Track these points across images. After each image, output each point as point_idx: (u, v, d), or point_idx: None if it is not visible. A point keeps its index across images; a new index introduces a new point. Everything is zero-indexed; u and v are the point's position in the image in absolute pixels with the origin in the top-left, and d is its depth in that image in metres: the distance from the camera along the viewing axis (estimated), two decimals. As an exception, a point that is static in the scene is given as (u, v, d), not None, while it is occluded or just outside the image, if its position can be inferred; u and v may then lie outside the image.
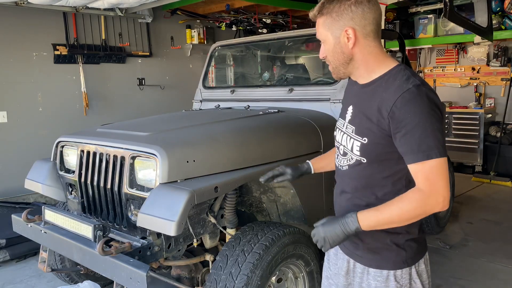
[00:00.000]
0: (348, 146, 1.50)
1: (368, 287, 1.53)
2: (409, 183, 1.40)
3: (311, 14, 1.48)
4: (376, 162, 1.44)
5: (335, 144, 1.64)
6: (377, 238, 1.49)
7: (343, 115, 1.58)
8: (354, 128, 1.48)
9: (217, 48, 4.12)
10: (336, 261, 1.68)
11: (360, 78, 1.50)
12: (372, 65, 1.45)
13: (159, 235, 2.31)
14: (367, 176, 1.47)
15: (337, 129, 1.60)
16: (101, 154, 2.49)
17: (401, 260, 1.48)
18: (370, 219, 1.37)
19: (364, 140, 1.43)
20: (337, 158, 1.61)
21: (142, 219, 2.09)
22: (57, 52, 5.05)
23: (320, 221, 1.47)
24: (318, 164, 1.94)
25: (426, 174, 1.31)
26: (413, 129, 1.30)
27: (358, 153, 1.46)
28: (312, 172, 1.93)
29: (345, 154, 1.53)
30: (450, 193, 1.35)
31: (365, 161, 1.45)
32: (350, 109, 1.52)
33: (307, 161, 1.95)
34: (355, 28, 1.40)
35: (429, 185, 1.31)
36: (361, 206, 1.48)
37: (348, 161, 1.52)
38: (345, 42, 1.42)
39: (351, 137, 1.48)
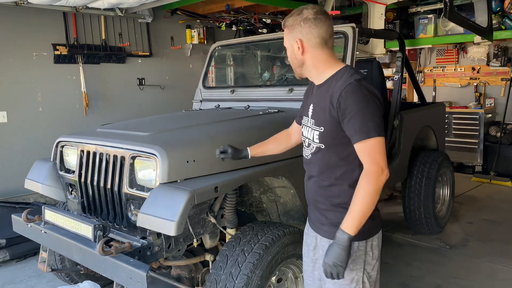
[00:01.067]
0: (310, 137, 1.81)
1: None
2: (361, 163, 1.66)
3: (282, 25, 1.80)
4: (332, 146, 1.73)
5: (302, 138, 1.92)
6: (339, 214, 1.72)
7: (306, 113, 1.87)
8: (313, 121, 1.78)
9: (217, 48, 4.12)
10: (306, 239, 1.96)
11: (315, 79, 1.81)
12: (322, 69, 1.76)
13: (159, 235, 2.31)
14: (326, 159, 1.76)
15: (303, 126, 1.89)
16: (101, 154, 2.49)
17: (359, 232, 1.64)
18: (352, 223, 1.60)
19: (321, 129, 1.73)
20: (304, 150, 1.90)
21: (142, 219, 2.09)
22: (57, 52, 5.05)
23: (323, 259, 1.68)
24: (255, 150, 2.21)
25: (368, 150, 1.61)
26: (355, 115, 1.59)
27: (317, 140, 1.76)
28: (249, 157, 2.20)
29: (309, 145, 1.83)
30: (387, 164, 1.64)
31: (323, 147, 1.75)
32: (311, 107, 1.82)
33: (247, 147, 2.21)
34: (302, 39, 1.72)
35: (370, 159, 1.60)
36: (324, 186, 1.78)
37: (311, 150, 1.82)
38: (296, 50, 1.75)
39: (312, 129, 1.79)
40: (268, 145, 2.20)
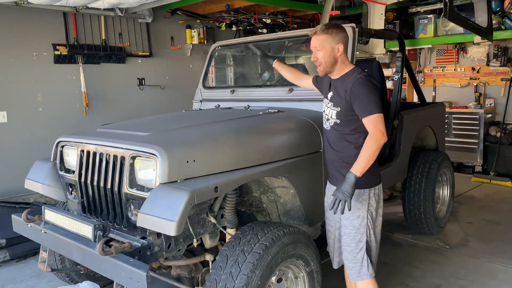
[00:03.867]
0: (329, 114, 2.52)
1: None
2: (365, 133, 2.35)
3: (312, 32, 2.43)
4: (345, 121, 2.43)
5: (323, 115, 2.62)
6: (349, 169, 2.31)
7: (327, 96, 2.57)
8: (333, 103, 2.50)
9: (217, 48, 4.12)
10: (328, 193, 2.66)
11: (335, 74, 2.49)
12: (344, 67, 2.46)
13: (159, 235, 2.31)
14: (341, 130, 2.47)
15: (324, 105, 2.61)
16: (101, 154, 2.49)
17: (363, 183, 2.38)
18: (357, 167, 2.26)
19: (338, 109, 2.45)
20: (324, 123, 2.60)
21: (142, 219, 2.09)
22: (57, 52, 5.06)
23: (335, 190, 2.32)
24: (281, 66, 3.24)
25: (372, 121, 2.30)
26: (363, 98, 2.31)
27: (335, 117, 2.47)
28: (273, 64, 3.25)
29: (328, 119, 2.54)
30: (386, 130, 2.32)
31: (339, 121, 2.46)
32: (331, 93, 2.52)
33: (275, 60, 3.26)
34: (342, 44, 2.41)
35: (374, 127, 2.29)
36: (339, 150, 2.48)
37: (330, 124, 2.52)
38: (336, 51, 2.40)
39: (331, 109, 2.51)
40: (289, 70, 3.16)
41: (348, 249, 2.48)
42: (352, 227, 2.45)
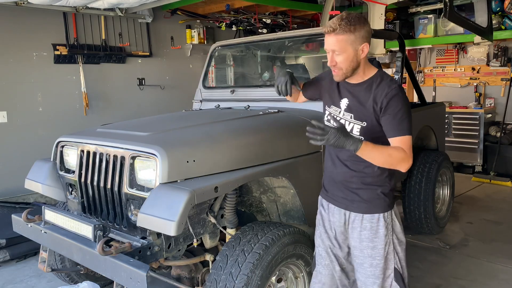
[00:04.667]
0: (348, 129, 2.00)
1: (364, 228, 2.07)
2: None
3: (328, 29, 1.89)
4: (370, 139, 1.91)
5: (328, 122, 2.12)
6: (370, 191, 2.06)
7: (336, 104, 2.11)
8: (352, 115, 2.03)
9: (217, 48, 4.12)
10: (329, 217, 2.20)
11: (355, 79, 2.03)
12: (367, 70, 2.02)
13: (159, 235, 2.31)
14: None
15: (331, 115, 2.13)
16: (101, 154, 2.49)
17: (386, 205, 2.07)
18: (367, 150, 1.84)
19: (364, 124, 1.99)
20: None
21: (142, 219, 2.09)
22: (57, 52, 5.05)
23: (337, 125, 1.85)
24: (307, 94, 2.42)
25: (403, 144, 1.90)
26: (396, 114, 1.90)
27: (357, 133, 2.00)
28: (299, 89, 2.38)
29: None
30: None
31: (363, 138, 1.93)
32: (345, 101, 2.06)
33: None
34: (367, 43, 1.93)
35: (407, 151, 1.89)
36: (359, 168, 2.05)
37: None
38: (360, 53, 1.93)
39: (350, 122, 2.03)
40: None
41: (377, 281, 2.09)
42: (380, 257, 2.07)
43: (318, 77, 2.34)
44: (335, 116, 2.10)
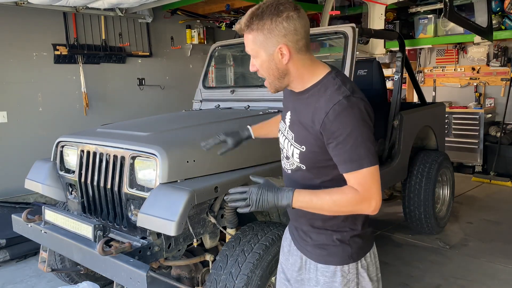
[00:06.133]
0: (289, 152, 1.55)
1: (317, 283, 1.56)
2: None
3: (238, 27, 1.43)
4: (314, 169, 1.48)
5: (280, 145, 1.65)
6: (324, 236, 1.55)
7: (284, 119, 1.62)
8: (293, 135, 1.52)
9: (217, 48, 4.12)
10: (288, 257, 1.72)
11: (295, 88, 1.51)
12: (307, 76, 1.47)
13: (159, 235, 2.31)
14: (307, 180, 1.53)
15: (280, 132, 1.64)
16: (101, 154, 2.49)
17: (347, 255, 1.52)
18: (304, 200, 1.40)
19: (303, 148, 1.47)
20: (282, 160, 1.65)
21: (142, 219, 2.09)
22: (57, 52, 5.05)
23: (259, 180, 1.48)
24: (259, 131, 2.04)
25: (360, 181, 1.36)
26: (344, 141, 1.34)
27: (297, 160, 1.50)
28: (253, 137, 2.03)
29: (288, 158, 1.58)
30: (381, 198, 1.40)
31: (304, 168, 1.50)
32: (289, 114, 1.57)
33: (248, 126, 2.04)
34: (288, 44, 1.38)
35: (363, 190, 1.36)
36: (300, 210, 1.51)
37: (291, 166, 1.58)
38: (279, 58, 1.40)
39: (291, 144, 1.53)
40: (271, 127, 2.02)
41: None
42: None
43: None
44: (282, 131, 1.62)
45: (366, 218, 1.58)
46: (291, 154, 1.53)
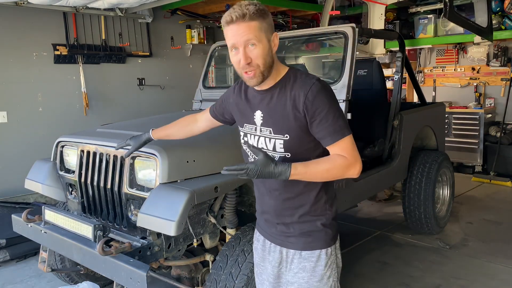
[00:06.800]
0: (269, 147, 1.62)
1: (303, 270, 1.66)
2: None
3: (239, 13, 1.47)
4: (298, 154, 1.58)
5: (246, 148, 1.72)
6: (308, 224, 1.67)
7: (249, 121, 1.68)
8: (271, 129, 1.60)
9: (217, 48, 4.12)
10: (264, 256, 1.80)
11: (265, 83, 1.59)
12: (279, 69, 1.60)
13: (159, 235, 2.31)
14: None
15: (248, 135, 1.70)
16: (101, 154, 2.49)
17: (329, 238, 1.68)
18: (301, 172, 1.49)
19: (286, 137, 1.57)
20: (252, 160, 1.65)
21: (142, 219, 2.09)
22: (57, 52, 5.05)
23: (257, 154, 1.49)
24: (158, 133, 2.14)
25: (344, 148, 1.54)
26: (326, 116, 1.51)
27: (282, 150, 1.59)
28: (153, 139, 2.15)
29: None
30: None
31: (290, 155, 1.59)
32: (259, 113, 1.64)
33: (149, 130, 2.16)
34: (277, 34, 1.58)
35: (350, 156, 1.54)
36: (290, 198, 1.66)
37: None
38: (272, 46, 1.55)
39: (270, 138, 1.61)
40: (171, 129, 2.12)
41: None
42: None
43: (221, 98, 1.91)
44: (251, 133, 1.68)
45: (336, 201, 1.75)
46: (272, 148, 1.61)
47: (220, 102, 1.91)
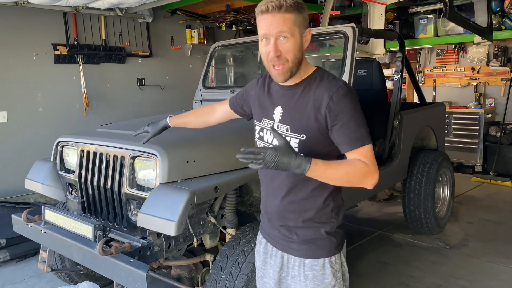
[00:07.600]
0: None
1: (305, 278, 1.61)
2: None
3: (272, 4, 1.42)
4: (312, 156, 1.45)
5: (260, 143, 1.67)
6: (312, 230, 1.61)
7: (268, 116, 1.64)
8: (288, 127, 1.56)
9: (217, 48, 4.12)
10: (266, 259, 1.75)
11: (291, 79, 1.54)
12: (305, 67, 1.56)
13: (159, 235, 2.31)
14: None
15: (264, 130, 1.66)
16: (101, 154, 2.49)
17: (333, 246, 1.61)
18: (320, 169, 1.41)
19: (303, 137, 1.52)
20: None
21: (142, 219, 2.09)
22: (57, 52, 5.05)
23: (279, 139, 1.41)
24: (176, 120, 2.13)
25: (366, 156, 1.48)
26: (348, 121, 1.46)
27: (296, 149, 1.52)
28: (170, 126, 2.14)
29: None
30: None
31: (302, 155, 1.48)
32: (279, 109, 1.60)
33: (168, 116, 2.15)
34: (310, 30, 1.53)
35: (370, 163, 1.48)
36: (298, 200, 1.60)
37: None
38: (304, 42, 1.51)
39: (286, 136, 1.54)
40: (189, 117, 2.09)
41: None
42: None
43: (242, 90, 1.88)
44: (267, 132, 1.64)
45: (343, 209, 1.68)
46: None
47: (241, 94, 1.87)
